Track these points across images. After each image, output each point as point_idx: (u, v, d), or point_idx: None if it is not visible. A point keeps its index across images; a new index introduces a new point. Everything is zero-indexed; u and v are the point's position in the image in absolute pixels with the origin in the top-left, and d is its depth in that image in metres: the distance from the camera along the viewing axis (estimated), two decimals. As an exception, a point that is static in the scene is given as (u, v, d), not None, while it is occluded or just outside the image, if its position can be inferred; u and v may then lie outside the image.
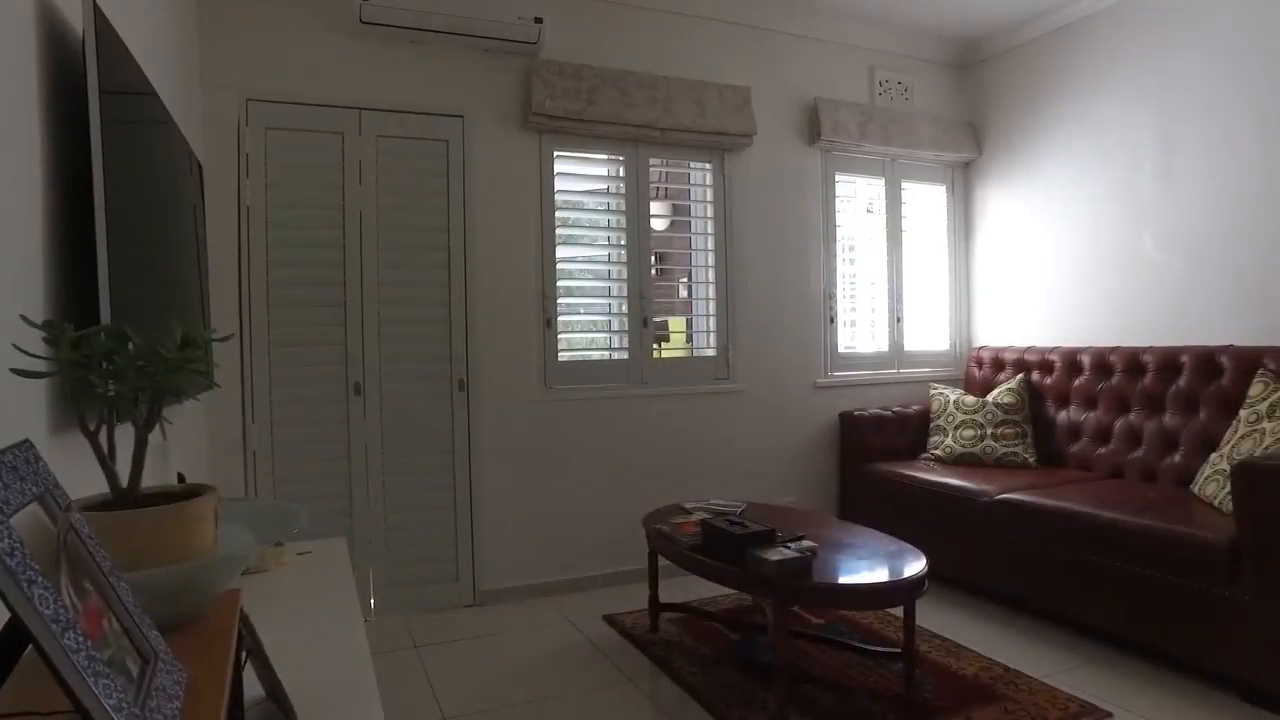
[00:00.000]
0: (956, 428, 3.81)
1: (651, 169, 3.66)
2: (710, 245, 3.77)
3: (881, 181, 4.24)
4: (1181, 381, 3.26)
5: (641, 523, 2.87)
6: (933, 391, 4.02)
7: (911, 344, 4.33)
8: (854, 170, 4.15)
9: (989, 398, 3.85)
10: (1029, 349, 3.97)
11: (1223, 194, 3.28)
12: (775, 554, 2.14)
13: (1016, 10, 3.93)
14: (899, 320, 4.26)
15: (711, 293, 3.77)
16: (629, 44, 3.57)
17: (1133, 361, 3.46)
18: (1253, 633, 2.30)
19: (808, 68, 3.98)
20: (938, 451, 3.81)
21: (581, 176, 3.56)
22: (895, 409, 4.02)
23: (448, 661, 2.75)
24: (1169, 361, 3.32)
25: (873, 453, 3.86)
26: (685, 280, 4.01)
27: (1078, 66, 3.85)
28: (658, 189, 3.96)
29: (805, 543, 2.35)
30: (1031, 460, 3.65)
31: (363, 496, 3.10)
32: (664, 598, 3.02)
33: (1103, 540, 2.68)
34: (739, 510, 2.85)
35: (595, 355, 3.57)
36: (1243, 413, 2.89)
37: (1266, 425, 2.74)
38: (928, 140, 4.22)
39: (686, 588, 3.32)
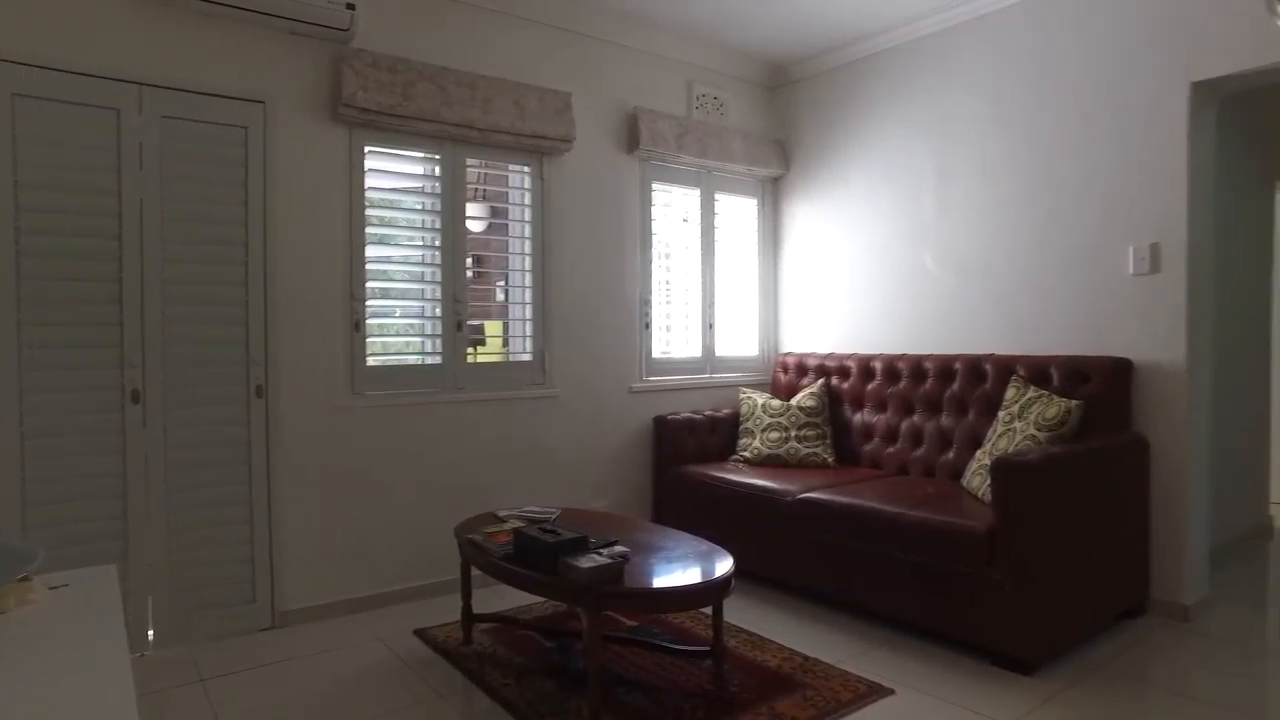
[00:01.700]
0: (764, 430, 4.02)
1: (469, 169, 3.58)
2: (528, 249, 3.74)
3: (697, 192, 4.40)
4: (955, 386, 3.63)
5: (454, 533, 2.80)
6: (742, 395, 4.23)
7: (723, 349, 4.52)
8: (671, 180, 4.28)
9: (793, 401, 4.10)
10: (829, 355, 4.27)
11: (985, 220, 3.69)
12: (587, 561, 2.15)
13: (817, 41, 4.22)
14: (711, 327, 4.44)
15: (529, 297, 3.75)
16: (449, 40, 3.47)
17: (916, 368, 3.81)
18: (1005, 607, 2.61)
19: (628, 77, 4.06)
20: (746, 453, 4.01)
21: (395, 174, 3.42)
22: (707, 412, 4.19)
23: (239, 692, 2.54)
24: (946, 368, 3.69)
25: (686, 455, 4.00)
26: (503, 284, 3.96)
27: (872, 96, 4.19)
28: (476, 190, 3.89)
29: (618, 548, 2.39)
30: (831, 460, 3.93)
31: (141, 516, 2.79)
32: (479, 608, 2.96)
33: (888, 532, 2.93)
34: (553, 517, 2.85)
35: (409, 360, 3.44)
36: (1001, 414, 3.26)
37: (1018, 425, 3.11)
38: (740, 155, 4.43)
39: (503, 596, 3.28)
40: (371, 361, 3.31)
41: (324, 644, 2.93)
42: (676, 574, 2.36)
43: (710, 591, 2.28)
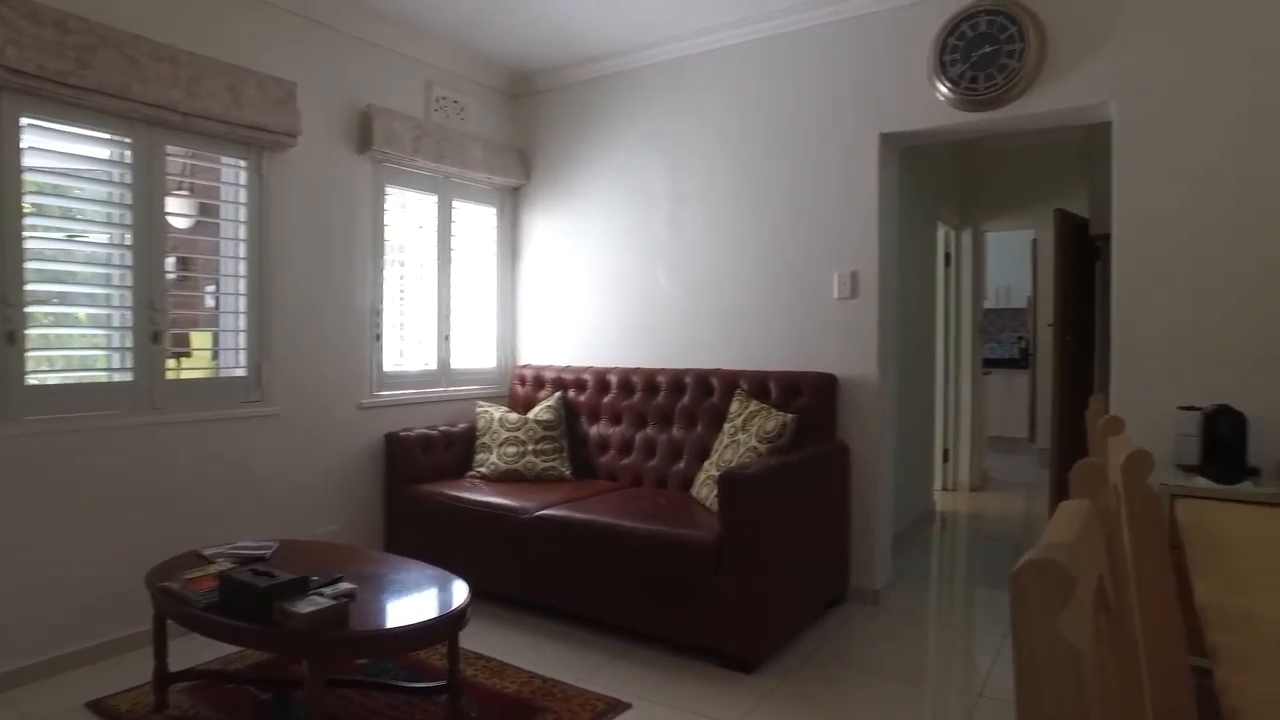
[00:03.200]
0: (501, 445, 3.96)
1: (171, 159, 3.12)
2: (243, 252, 3.35)
3: (434, 198, 4.23)
4: (686, 399, 3.83)
5: (145, 582, 2.40)
6: (479, 409, 4.13)
7: (459, 362, 4.39)
8: (407, 184, 4.07)
9: (530, 415, 4.08)
10: (567, 368, 4.31)
11: (713, 242, 3.94)
12: (307, 605, 1.95)
13: (561, 53, 4.25)
14: (447, 338, 4.29)
15: (243, 305, 3.36)
16: (143, 3, 3.00)
17: (650, 381, 3.97)
18: (730, 611, 2.79)
19: (362, 72, 3.79)
20: (483, 469, 3.92)
21: (69, 155, 2.88)
22: (442, 428, 4.04)
23: None
24: (677, 382, 3.88)
25: (420, 473, 3.82)
26: (213, 289, 3.52)
27: (612, 114, 4.31)
28: (181, 182, 3.41)
29: (343, 585, 2.20)
30: (568, 473, 3.96)
31: None
32: (181, 661, 2.58)
33: (623, 546, 3.01)
34: (270, 553, 2.56)
35: (91, 376, 2.91)
36: (726, 426, 3.49)
37: (742, 437, 3.34)
38: (480, 162, 4.33)
39: (212, 643, 2.90)
40: (33, 380, 2.75)
41: (-38, 728, 2.38)
42: (408, 610, 2.22)
43: (444, 626, 2.17)
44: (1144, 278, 2.97)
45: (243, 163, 3.34)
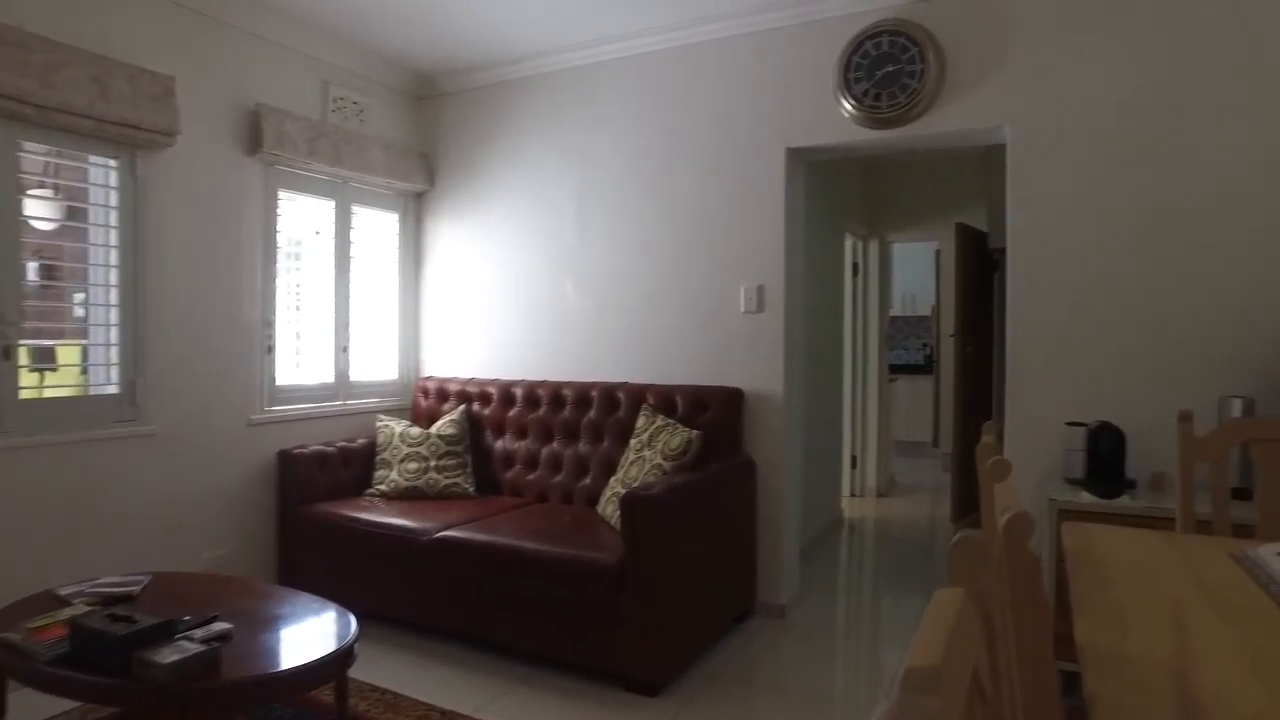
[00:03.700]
0: (402, 461, 3.81)
1: (28, 155, 2.87)
2: (114, 259, 3.11)
3: (332, 204, 4.04)
4: (592, 413, 3.76)
5: (-12, 626, 2.17)
6: (379, 424, 3.97)
7: (359, 374, 4.21)
8: (302, 188, 3.87)
9: (433, 429, 3.94)
10: (471, 380, 4.18)
11: (621, 254, 3.89)
12: (171, 653, 1.80)
13: (466, 56, 4.12)
14: (345, 350, 4.11)
15: (115, 316, 3.11)
16: (-9, -11, 2.74)
17: (556, 395, 3.88)
18: (633, 634, 2.73)
19: (252, 69, 3.58)
20: (383, 486, 3.76)
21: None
22: (340, 444, 3.86)
23: None
24: (583, 395, 3.81)
25: (316, 493, 3.63)
26: (82, 297, 3.25)
27: (520, 120, 4.20)
28: (43, 182, 3.14)
29: (216, 627, 2.04)
30: (472, 490, 3.84)
31: None
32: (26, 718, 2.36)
33: (526, 568, 2.91)
34: (139, 589, 2.37)
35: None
36: (633, 441, 3.44)
37: (647, 453, 3.30)
38: (381, 166, 4.16)
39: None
40: None
41: None
42: (290, 651, 2.08)
43: (329, 667, 2.04)
44: (1033, 296, 3.06)
45: (113, 162, 3.09)
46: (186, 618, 2.07)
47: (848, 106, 3.32)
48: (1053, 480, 2.90)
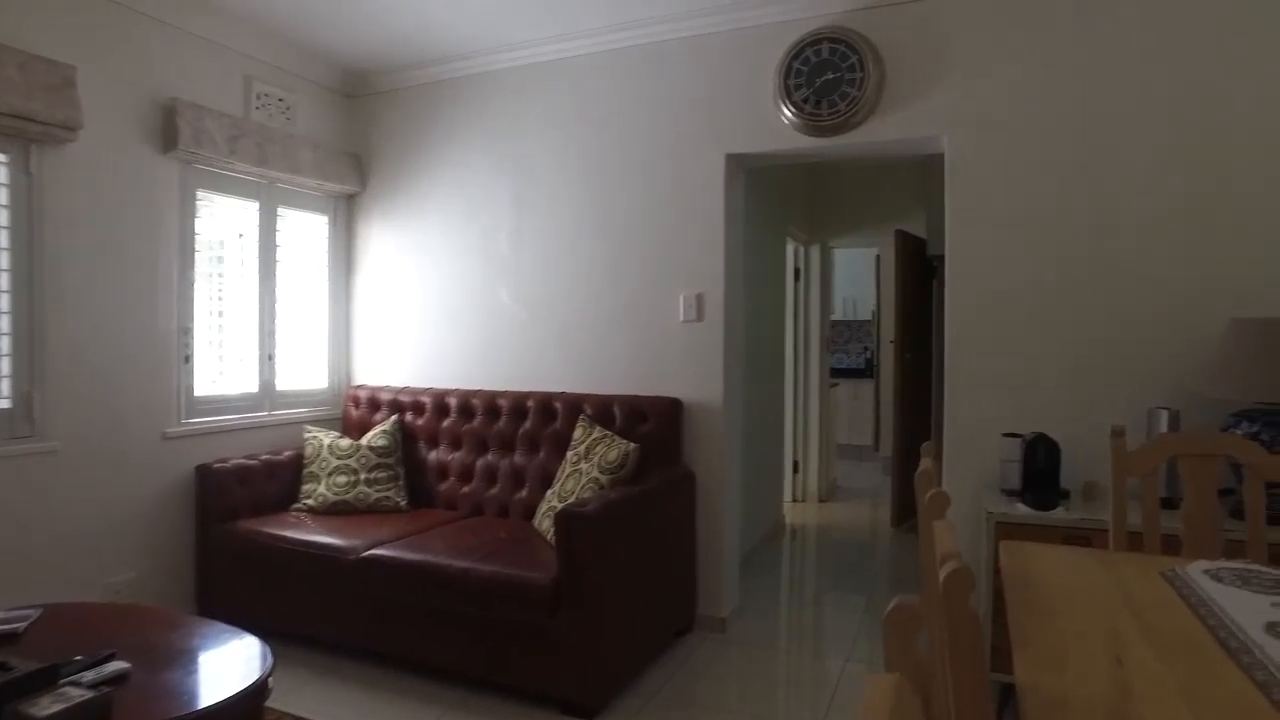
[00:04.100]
0: (330, 474, 3.64)
1: (-91, 151, 2.65)
2: (4, 262, 2.89)
3: (256, 205, 3.85)
4: (528, 424, 3.66)
5: None
6: (307, 435, 3.79)
7: (286, 383, 4.02)
8: (223, 189, 3.67)
9: (364, 440, 3.79)
10: (404, 389, 4.03)
11: (558, 261, 3.79)
12: (53, 703, 1.64)
13: (398, 54, 3.97)
14: (271, 358, 3.92)
15: (5, 324, 2.89)
16: None
17: (491, 405, 3.76)
18: (569, 655, 2.64)
19: (165, 60, 3.37)
20: (310, 501, 3.60)
21: None
22: (265, 456, 3.67)
23: None
24: (519, 406, 3.70)
25: (237, 509, 3.45)
26: (-26, 303, 3.02)
27: (455, 121, 4.07)
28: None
29: (111, 667, 1.89)
30: (404, 503, 3.70)
31: None
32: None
33: (458, 588, 2.80)
34: (26, 625, 2.18)
35: None
36: (569, 453, 3.35)
37: (584, 466, 3.21)
38: (310, 167, 3.98)
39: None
40: None
41: None
42: (196, 690, 1.93)
43: (241, 705, 1.90)
44: (972, 306, 3.06)
45: (3, 157, 2.87)
46: (77, 658, 1.91)
47: (788, 113, 3.28)
48: (990, 491, 2.90)
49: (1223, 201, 2.74)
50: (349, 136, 4.35)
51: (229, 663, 2.08)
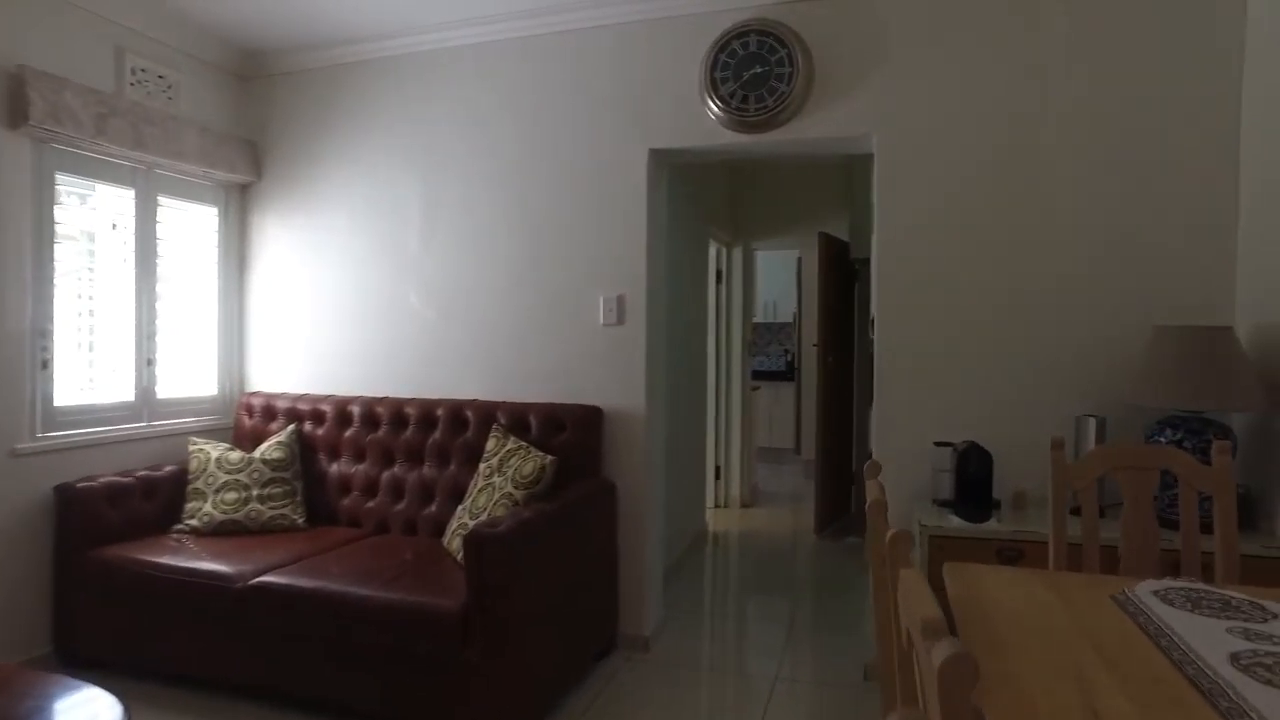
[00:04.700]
0: (218, 490, 3.31)
1: None
2: None
3: (132, 193, 3.47)
4: (438, 434, 3.40)
5: None
6: (193, 448, 3.44)
7: (169, 390, 3.65)
8: (91, 173, 3.29)
9: (258, 452, 3.46)
10: (303, 396, 3.72)
11: (471, 260, 3.55)
12: None
13: (299, 32, 3.66)
14: (150, 363, 3.54)
15: None
16: None
17: (398, 413, 3.49)
18: (481, 689, 2.42)
19: (10, 21, 2.97)
20: (194, 521, 3.25)
21: None
22: (142, 473, 3.31)
23: None
24: (428, 414, 3.44)
25: (107, 534, 3.08)
26: None
27: (361, 107, 3.77)
28: None
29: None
30: (301, 521, 3.39)
31: None
32: None
33: (358, 618, 2.54)
34: None
35: None
36: (482, 466, 3.12)
37: (497, 480, 2.99)
38: (196, 153, 3.62)
39: None
40: None
41: None
42: (28, 758, 1.64)
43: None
44: (900, 312, 2.98)
45: None
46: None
47: (714, 108, 3.14)
48: (921, 502, 2.82)
49: (1148, 206, 2.72)
50: (243, 121, 4.00)
51: (75, 723, 1.78)
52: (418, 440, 3.43)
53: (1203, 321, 2.68)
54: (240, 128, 3.98)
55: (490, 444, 3.14)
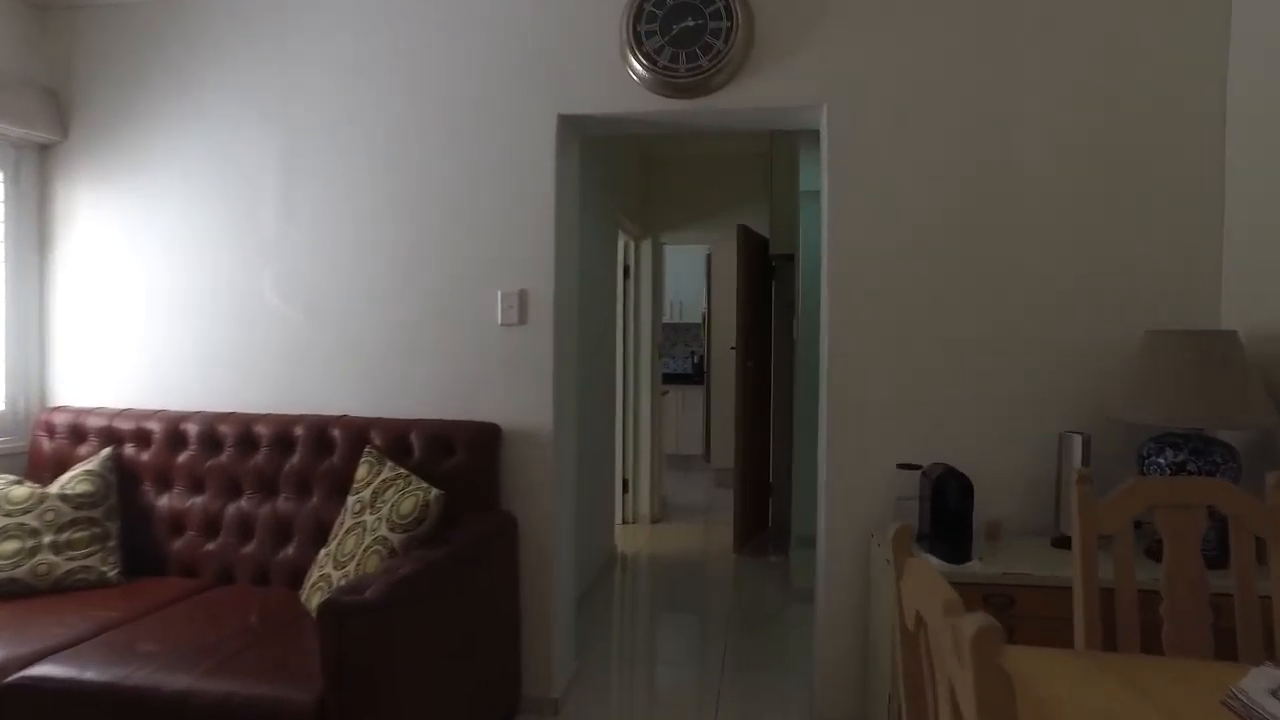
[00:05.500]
0: (-4, 537, 2.55)
1: None
2: None
3: (-122, 148, 2.65)
4: (296, 458, 2.75)
5: None
6: (-37, 481, 2.66)
7: (-66, 406, 2.84)
8: None
9: (55, 486, 2.71)
10: (124, 412, 2.97)
11: (341, 245, 2.91)
12: None
13: (108, -44, 2.91)
14: (-97, 372, 2.73)
15: None
16: None
17: (246, 433, 2.82)
18: (344, 809, 1.82)
19: None
20: (-42, 580, 2.49)
21: None
22: (-116, 517, 2.51)
23: None
24: (284, 434, 2.78)
25: None
26: None
27: (201, 55, 3.04)
28: None
29: None
30: (113, 574, 2.66)
31: None
32: None
33: None
34: None
35: None
36: (351, 499, 2.50)
37: (369, 518, 2.38)
38: (-24, 102, 2.83)
39: None
40: None
41: None
42: None
43: None
44: (853, 314, 2.56)
45: None
46: None
47: (637, 67, 2.63)
48: (883, 533, 2.40)
49: (1133, 199, 2.40)
50: (40, 64, 3.18)
51: None
52: (271, 466, 2.76)
53: (1189, 325, 2.37)
54: (37, 72, 3.17)
55: (362, 471, 2.52)
